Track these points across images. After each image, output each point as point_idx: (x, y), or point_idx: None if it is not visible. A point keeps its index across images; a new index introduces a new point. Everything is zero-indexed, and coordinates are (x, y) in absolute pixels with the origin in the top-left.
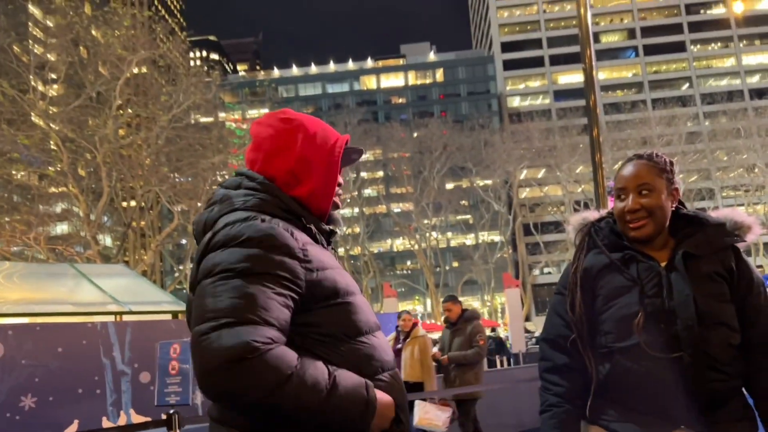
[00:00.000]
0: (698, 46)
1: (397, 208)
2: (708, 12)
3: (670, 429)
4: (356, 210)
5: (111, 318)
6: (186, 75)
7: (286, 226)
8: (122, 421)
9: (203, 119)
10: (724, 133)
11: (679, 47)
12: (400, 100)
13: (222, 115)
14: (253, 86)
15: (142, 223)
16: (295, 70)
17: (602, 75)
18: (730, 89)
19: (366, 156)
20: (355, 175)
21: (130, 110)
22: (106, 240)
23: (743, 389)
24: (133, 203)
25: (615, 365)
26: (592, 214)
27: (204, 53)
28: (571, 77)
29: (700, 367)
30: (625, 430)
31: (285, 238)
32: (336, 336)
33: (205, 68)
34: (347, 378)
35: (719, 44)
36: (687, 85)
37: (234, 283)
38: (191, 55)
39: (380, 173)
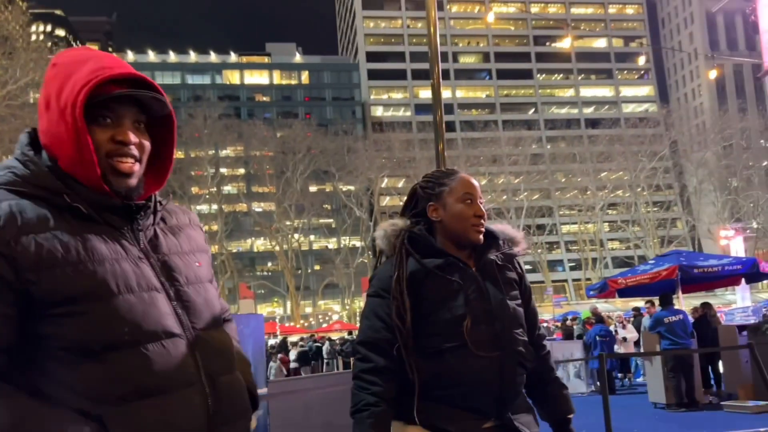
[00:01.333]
0: (543, 76)
1: (258, 207)
2: (552, 45)
3: (483, 423)
4: (215, 207)
5: None
6: (25, 49)
7: (16, 208)
8: None
9: None
10: (562, 157)
11: (527, 74)
12: (264, 98)
13: None
14: None
15: None
16: (151, 56)
17: (460, 93)
18: (569, 117)
19: (227, 152)
20: (213, 171)
21: None
22: None
23: None
24: None
25: (441, 365)
26: (401, 222)
27: (48, 28)
28: (430, 92)
29: (513, 364)
30: (446, 425)
31: None
32: (78, 349)
33: (49, 44)
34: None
35: (561, 75)
36: (533, 110)
37: None
38: (33, 28)
39: (241, 170)
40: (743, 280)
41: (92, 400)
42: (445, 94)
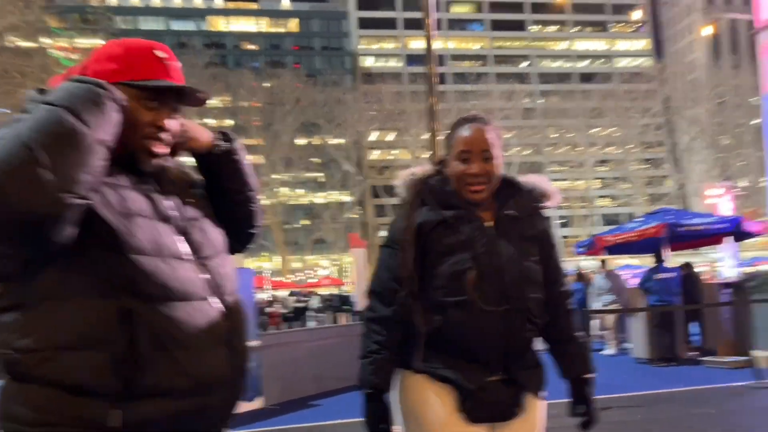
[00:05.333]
0: (538, 27)
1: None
2: None
3: (488, 375)
4: None
5: None
6: None
7: None
8: None
9: (22, 43)
10: (554, 112)
11: (521, 26)
12: (252, 47)
13: (47, 41)
14: (84, 12)
15: None
16: (134, 0)
17: (452, 44)
18: (562, 71)
19: (213, 102)
20: (199, 121)
21: None
22: None
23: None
24: None
25: (446, 318)
26: (421, 170)
27: None
28: (422, 43)
29: (521, 320)
30: (450, 376)
31: None
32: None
33: None
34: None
35: (556, 28)
36: (527, 63)
37: None
38: None
39: (229, 122)
40: (731, 238)
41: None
42: (437, 45)
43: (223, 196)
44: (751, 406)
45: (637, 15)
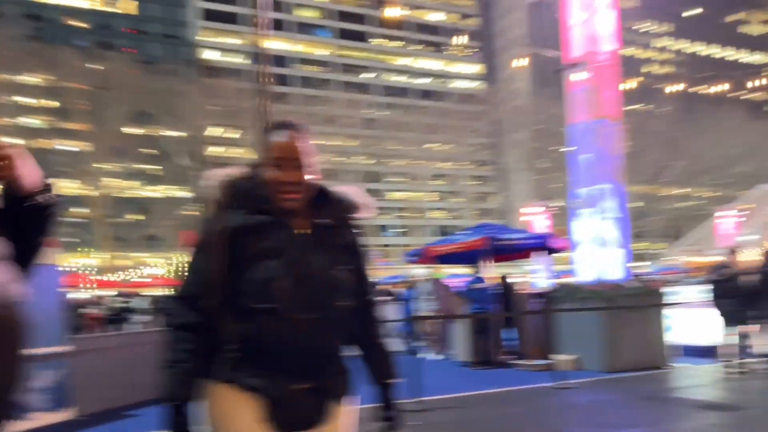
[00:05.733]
0: (380, 41)
1: (67, 145)
2: (388, 11)
3: (295, 384)
4: (14, 140)
5: None
6: None
7: None
8: None
9: None
10: (395, 125)
11: (365, 37)
12: (82, 24)
13: None
14: None
15: None
16: None
17: (300, 48)
18: (403, 86)
19: (32, 79)
20: (10, 99)
21: None
22: None
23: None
24: None
25: (255, 325)
26: (236, 172)
27: None
28: (268, 42)
29: (330, 328)
30: (257, 385)
31: None
32: None
33: None
34: None
35: (398, 43)
36: (372, 74)
37: None
38: None
39: (50, 103)
40: (543, 252)
41: None
42: (284, 46)
43: (16, 229)
44: (558, 405)
45: (472, 41)
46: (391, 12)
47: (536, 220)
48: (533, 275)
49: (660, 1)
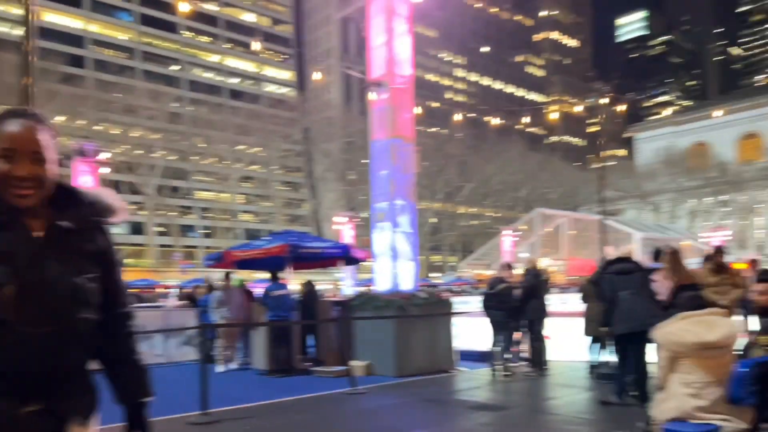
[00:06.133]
0: (191, 34)
1: None
2: (202, 5)
3: (21, 406)
4: None
5: None
6: None
7: None
8: None
9: None
10: (203, 122)
11: (173, 28)
12: None
13: None
14: None
15: None
16: None
17: (94, 28)
18: (213, 83)
19: None
20: None
21: None
22: None
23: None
24: None
25: None
26: None
27: None
28: (58, 18)
29: (68, 343)
30: None
31: None
32: None
33: None
34: None
35: (209, 39)
36: (177, 67)
37: None
38: None
39: None
40: (345, 261)
41: None
42: (76, 24)
43: None
44: (348, 411)
45: (285, 47)
46: (202, 5)
47: (344, 229)
48: (341, 283)
49: (459, 34)
